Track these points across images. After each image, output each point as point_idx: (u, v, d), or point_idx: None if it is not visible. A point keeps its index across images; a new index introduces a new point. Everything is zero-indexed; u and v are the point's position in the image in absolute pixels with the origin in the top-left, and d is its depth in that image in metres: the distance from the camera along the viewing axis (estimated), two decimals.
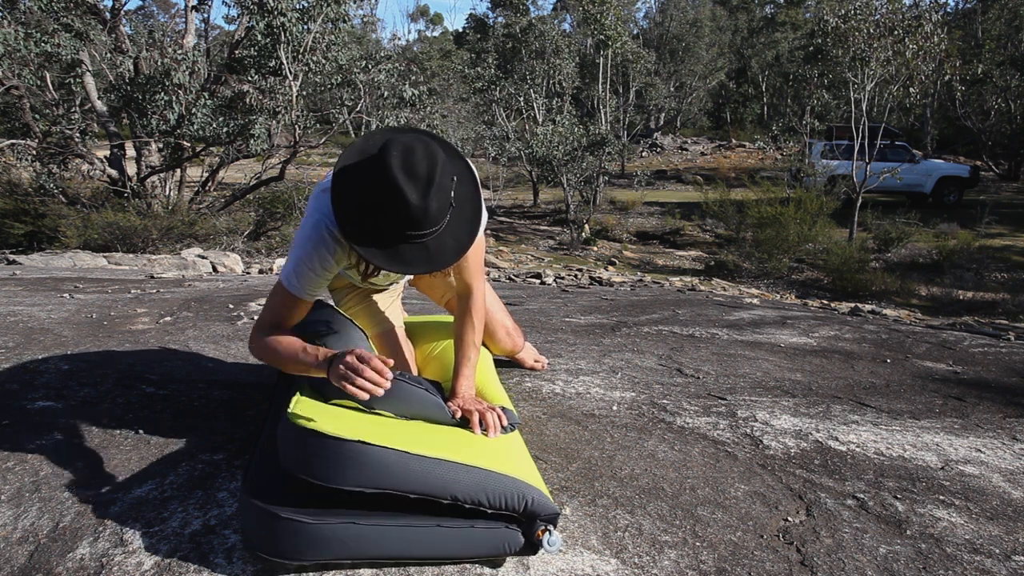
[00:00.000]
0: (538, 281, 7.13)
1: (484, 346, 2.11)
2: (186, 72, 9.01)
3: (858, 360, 3.05)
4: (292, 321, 1.53)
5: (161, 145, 9.59)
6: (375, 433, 1.32)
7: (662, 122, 29.46)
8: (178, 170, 10.16)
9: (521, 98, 18.37)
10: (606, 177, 17.18)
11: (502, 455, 1.42)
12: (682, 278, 10.17)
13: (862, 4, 13.23)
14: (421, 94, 10.84)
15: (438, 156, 1.36)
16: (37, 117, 9.61)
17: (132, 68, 9.84)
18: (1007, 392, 2.65)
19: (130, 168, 10.07)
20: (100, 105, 9.70)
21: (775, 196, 13.45)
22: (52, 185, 9.32)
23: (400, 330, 1.91)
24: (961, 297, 10.40)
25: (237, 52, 10.56)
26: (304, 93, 10.08)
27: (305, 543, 1.21)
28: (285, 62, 9.30)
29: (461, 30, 40.96)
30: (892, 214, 15.01)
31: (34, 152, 9.50)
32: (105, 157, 9.90)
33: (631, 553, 1.39)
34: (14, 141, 9.33)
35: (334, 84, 10.22)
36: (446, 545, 1.28)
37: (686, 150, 26.76)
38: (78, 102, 9.88)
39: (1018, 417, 2.34)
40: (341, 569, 1.27)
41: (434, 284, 2.04)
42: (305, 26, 9.44)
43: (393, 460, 1.27)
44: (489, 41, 23.15)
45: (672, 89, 27.97)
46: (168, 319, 3.24)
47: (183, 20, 11.42)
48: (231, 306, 3.63)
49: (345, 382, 1.31)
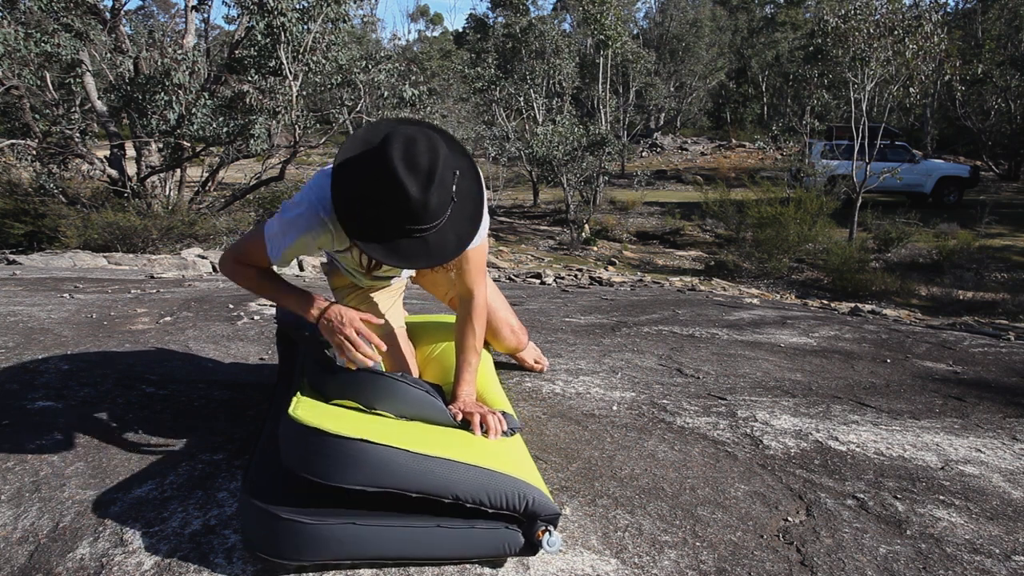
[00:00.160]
0: (538, 281, 7.13)
1: (487, 344, 2.11)
2: (186, 72, 9.00)
3: (858, 360, 3.05)
4: (258, 265, 1.61)
5: (161, 145, 9.58)
6: (376, 432, 1.31)
7: (662, 122, 29.45)
8: (178, 170, 10.16)
9: (521, 98, 18.37)
10: (606, 177, 17.18)
11: (503, 455, 1.42)
12: (682, 278, 10.17)
13: (862, 4, 13.23)
14: (421, 94, 10.84)
15: (440, 149, 1.34)
16: (37, 117, 9.61)
17: (132, 68, 9.83)
18: (1007, 392, 2.65)
19: (130, 168, 10.07)
20: (100, 105, 9.69)
21: (775, 196, 13.44)
22: (52, 185, 9.31)
23: (401, 331, 1.90)
24: (961, 297, 10.40)
25: (237, 52, 10.55)
26: (304, 93, 10.08)
27: (305, 543, 1.21)
28: (285, 62, 9.30)
29: (461, 30, 40.94)
30: (892, 214, 15.00)
31: (34, 152, 9.49)
32: (105, 157, 9.90)
33: (631, 553, 1.39)
34: (14, 141, 9.33)
35: (334, 84, 10.22)
36: (446, 545, 1.28)
37: (686, 150, 26.75)
38: (78, 102, 9.88)
39: (1018, 417, 2.34)
40: (341, 569, 1.27)
41: (437, 281, 2.03)
42: (305, 26, 9.44)
43: (394, 458, 1.26)
44: (489, 41, 23.13)
45: (672, 89, 27.96)
46: (168, 319, 3.24)
47: (183, 20, 11.43)
48: (231, 306, 3.63)
49: (329, 334, 1.46)
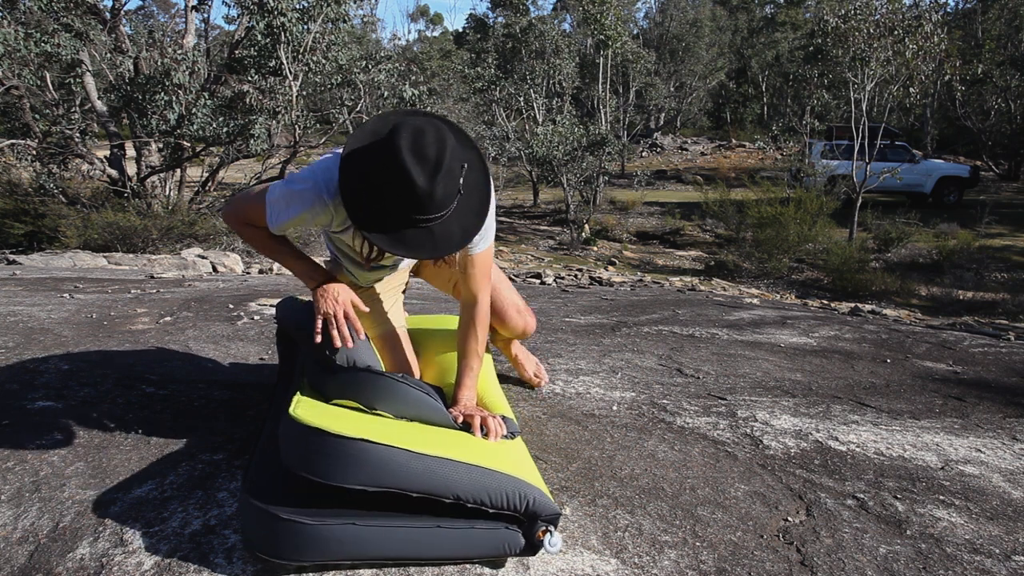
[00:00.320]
0: (538, 281, 7.13)
1: (493, 332, 2.08)
2: (186, 72, 9.00)
3: (858, 360, 3.05)
4: (259, 224, 1.62)
5: (161, 145, 9.58)
6: (377, 432, 1.31)
7: (662, 122, 29.44)
8: (178, 170, 10.15)
9: (521, 98, 18.36)
10: (606, 177, 17.17)
11: (503, 455, 1.42)
12: (682, 278, 10.17)
13: (862, 4, 13.22)
14: (421, 94, 10.83)
15: (448, 141, 1.34)
16: (37, 117, 9.60)
17: (132, 68, 9.83)
18: (1007, 392, 2.65)
19: (130, 168, 10.06)
20: (100, 105, 9.69)
21: (775, 196, 13.44)
22: (52, 185, 9.31)
23: (402, 331, 1.90)
24: (961, 297, 10.40)
25: (237, 52, 10.55)
26: (304, 93, 10.07)
27: (305, 544, 1.21)
28: (285, 62, 9.30)
29: (461, 30, 40.93)
30: (892, 214, 15.00)
31: (34, 152, 9.49)
32: (105, 157, 9.90)
33: (631, 553, 1.39)
34: (14, 141, 9.32)
35: (334, 84, 10.22)
36: (446, 546, 1.28)
37: (686, 150, 26.75)
38: (78, 102, 9.87)
39: (1018, 417, 2.34)
40: (341, 569, 1.27)
41: (439, 273, 2.02)
42: (305, 26, 9.44)
43: (395, 458, 1.26)
44: (489, 41, 23.13)
45: (672, 89, 27.95)
46: (168, 319, 3.23)
47: (183, 20, 11.42)
48: (231, 306, 3.63)
49: (319, 302, 1.52)
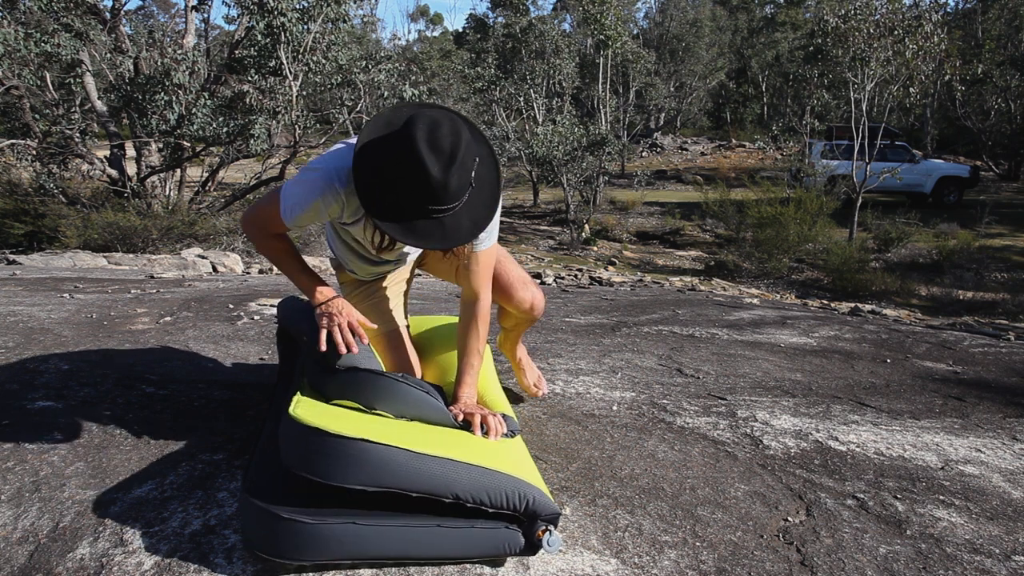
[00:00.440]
0: (538, 281, 7.13)
1: (503, 310, 2.03)
2: (186, 72, 9.00)
3: (858, 360, 3.05)
4: (278, 229, 1.65)
5: (161, 145, 9.58)
6: (377, 432, 1.31)
7: (662, 122, 29.44)
8: (178, 170, 10.15)
9: (521, 98, 18.36)
10: (606, 177, 17.17)
11: (503, 455, 1.42)
12: (682, 278, 10.17)
13: (862, 4, 13.22)
14: (421, 94, 10.84)
15: (463, 134, 1.37)
16: (37, 117, 9.60)
17: (132, 68, 9.83)
18: (1007, 392, 2.65)
19: (130, 168, 10.06)
20: (100, 105, 9.69)
21: (775, 196, 13.44)
22: (52, 185, 9.30)
23: (404, 330, 1.90)
24: (961, 297, 10.40)
25: (237, 52, 10.55)
26: (304, 93, 10.07)
27: (305, 543, 1.21)
28: (285, 62, 9.30)
29: (461, 30, 40.92)
30: (892, 214, 15.00)
31: (34, 152, 9.49)
32: (105, 157, 9.89)
33: (631, 553, 1.39)
34: (14, 141, 9.32)
35: (334, 84, 10.22)
36: (446, 545, 1.28)
37: (686, 150, 26.74)
38: (78, 102, 9.87)
39: (1018, 417, 2.34)
40: (341, 569, 1.27)
41: (442, 264, 2.01)
42: (305, 26, 9.44)
43: (395, 458, 1.26)
44: (489, 41, 23.12)
45: (672, 89, 27.94)
46: (168, 319, 3.23)
47: (183, 20, 11.42)
48: (231, 306, 3.63)
49: (323, 323, 1.54)
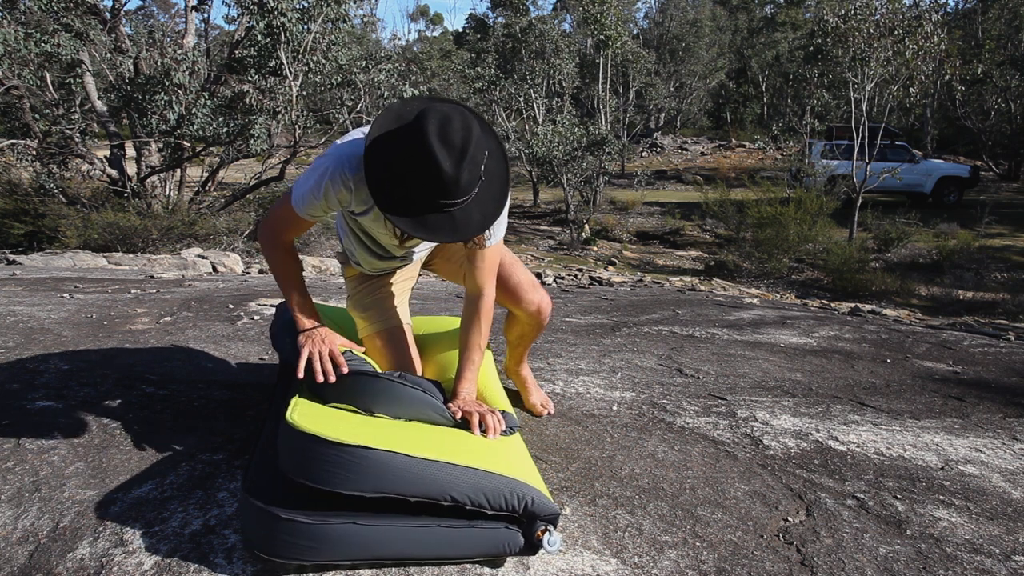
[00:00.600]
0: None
1: (510, 319, 2.05)
2: (186, 72, 8.99)
3: (858, 360, 3.05)
4: (295, 229, 1.67)
5: (161, 145, 9.58)
6: (374, 436, 1.31)
7: (662, 122, 29.44)
8: (178, 170, 10.15)
9: (521, 98, 18.36)
10: (606, 177, 17.17)
11: (502, 456, 1.42)
12: (682, 278, 10.17)
13: (862, 4, 13.23)
14: (421, 94, 10.83)
15: (473, 128, 1.38)
16: (37, 117, 9.60)
17: (132, 68, 9.83)
18: (1007, 392, 2.65)
19: (130, 168, 10.06)
20: (100, 105, 9.69)
21: (775, 196, 13.44)
22: (52, 185, 9.30)
23: (408, 327, 1.90)
24: (961, 297, 10.40)
25: (237, 52, 10.55)
26: (304, 93, 10.07)
27: (305, 543, 1.21)
28: (285, 62, 9.30)
29: (461, 30, 40.91)
30: (892, 214, 15.00)
31: (34, 152, 9.48)
32: (105, 157, 9.89)
33: (631, 553, 1.39)
34: (14, 141, 9.32)
35: (334, 84, 10.22)
36: (446, 545, 1.28)
37: (686, 150, 26.74)
38: (78, 102, 9.87)
39: (1018, 417, 2.34)
40: (341, 569, 1.27)
41: (448, 264, 2.02)
42: (305, 26, 9.44)
43: (393, 463, 1.26)
44: (489, 41, 23.12)
45: (672, 89, 27.94)
46: (168, 319, 3.23)
47: (183, 20, 11.42)
48: (231, 306, 3.63)
49: (304, 351, 1.53)
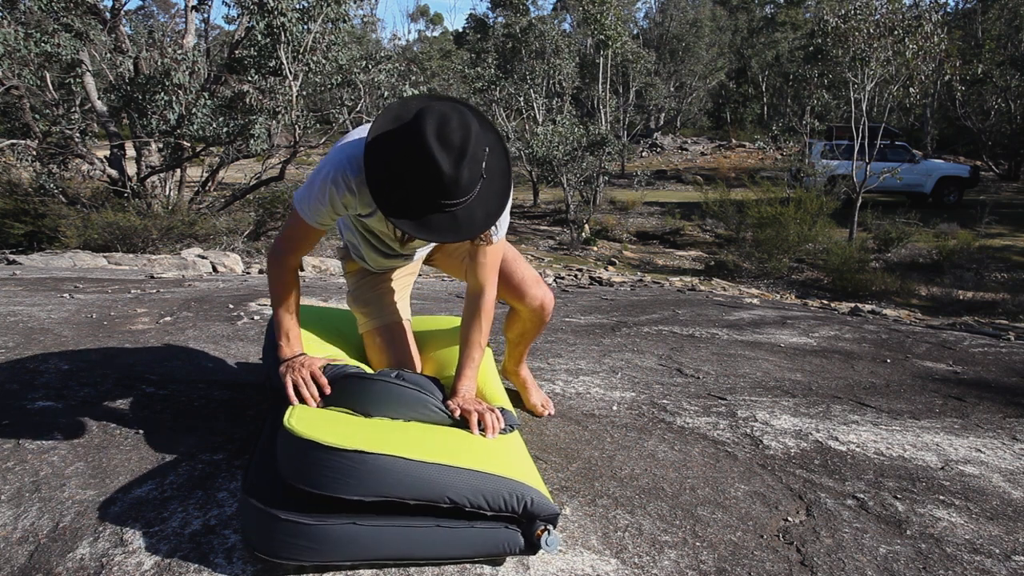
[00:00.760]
0: None
1: (511, 311, 2.05)
2: (186, 72, 9.00)
3: (858, 360, 3.05)
4: (305, 242, 1.64)
5: (161, 145, 9.58)
6: (372, 439, 1.31)
7: (662, 122, 29.44)
8: (178, 170, 10.16)
9: (521, 98, 18.36)
10: (606, 177, 17.17)
11: (501, 456, 1.42)
12: (682, 278, 10.17)
13: (862, 4, 13.23)
14: (421, 93, 10.83)
15: (472, 126, 1.37)
16: (37, 117, 9.60)
17: (132, 68, 9.83)
18: (1007, 392, 2.65)
19: (130, 168, 10.06)
20: (100, 105, 9.69)
21: (775, 196, 13.45)
22: (52, 185, 9.30)
23: (407, 323, 1.90)
24: (961, 297, 10.40)
25: (237, 52, 10.55)
26: (304, 93, 10.07)
27: (305, 544, 1.21)
28: (285, 62, 9.30)
29: (461, 30, 40.91)
30: (892, 214, 15.01)
31: (34, 152, 9.48)
32: (105, 157, 9.89)
33: (631, 553, 1.39)
34: (14, 141, 9.32)
35: (334, 84, 10.22)
36: (446, 545, 1.28)
37: (686, 150, 26.75)
38: (78, 102, 9.87)
39: (1018, 417, 2.34)
40: (341, 569, 1.27)
41: (450, 261, 2.02)
42: (305, 26, 9.44)
43: (391, 467, 1.26)
44: (489, 41, 23.13)
45: (672, 89, 27.95)
46: (168, 319, 3.23)
47: (183, 20, 11.42)
48: (231, 306, 3.63)
49: (287, 381, 1.51)
